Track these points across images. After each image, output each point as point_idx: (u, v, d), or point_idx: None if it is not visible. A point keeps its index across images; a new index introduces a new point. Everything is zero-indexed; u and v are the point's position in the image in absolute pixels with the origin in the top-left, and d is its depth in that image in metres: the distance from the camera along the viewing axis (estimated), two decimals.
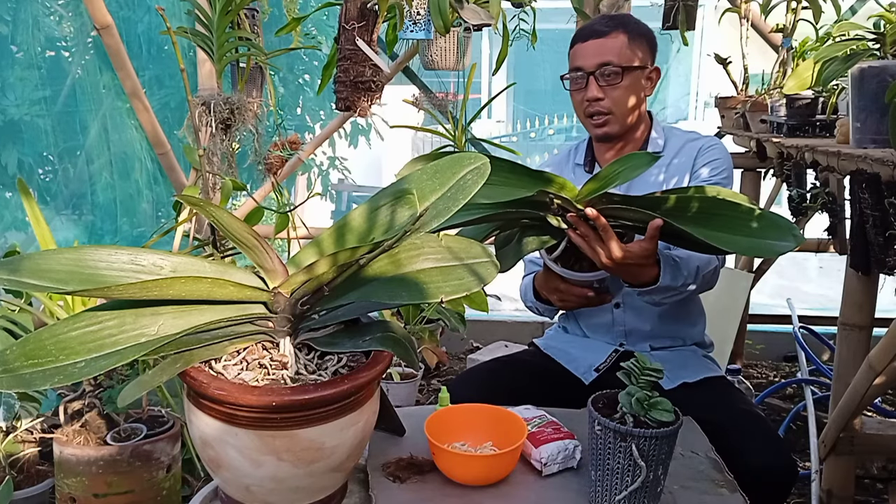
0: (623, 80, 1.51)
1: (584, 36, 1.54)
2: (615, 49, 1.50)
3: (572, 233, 1.26)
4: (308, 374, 0.98)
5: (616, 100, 1.52)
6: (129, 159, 2.84)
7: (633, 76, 1.52)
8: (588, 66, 1.52)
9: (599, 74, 1.51)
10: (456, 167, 1.11)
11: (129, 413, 1.85)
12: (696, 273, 1.41)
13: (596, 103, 1.52)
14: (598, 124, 1.55)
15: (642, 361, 1.04)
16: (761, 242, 1.17)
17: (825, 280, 5.03)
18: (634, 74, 1.52)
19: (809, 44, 2.33)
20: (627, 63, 1.50)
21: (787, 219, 1.19)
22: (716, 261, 1.47)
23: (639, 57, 1.52)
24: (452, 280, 1.03)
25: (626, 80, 1.51)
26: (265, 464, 0.92)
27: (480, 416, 1.23)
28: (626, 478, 1.02)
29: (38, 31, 2.68)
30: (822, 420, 2.01)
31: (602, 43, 1.51)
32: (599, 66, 1.50)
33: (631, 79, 1.51)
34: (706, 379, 1.54)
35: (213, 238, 2.00)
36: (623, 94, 1.52)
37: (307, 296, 1.00)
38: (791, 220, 1.22)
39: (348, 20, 1.82)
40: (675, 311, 1.60)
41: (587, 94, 1.52)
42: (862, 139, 1.53)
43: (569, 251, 1.33)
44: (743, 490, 1.12)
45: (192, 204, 0.97)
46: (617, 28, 1.51)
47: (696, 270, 1.41)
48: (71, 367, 0.86)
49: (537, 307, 1.61)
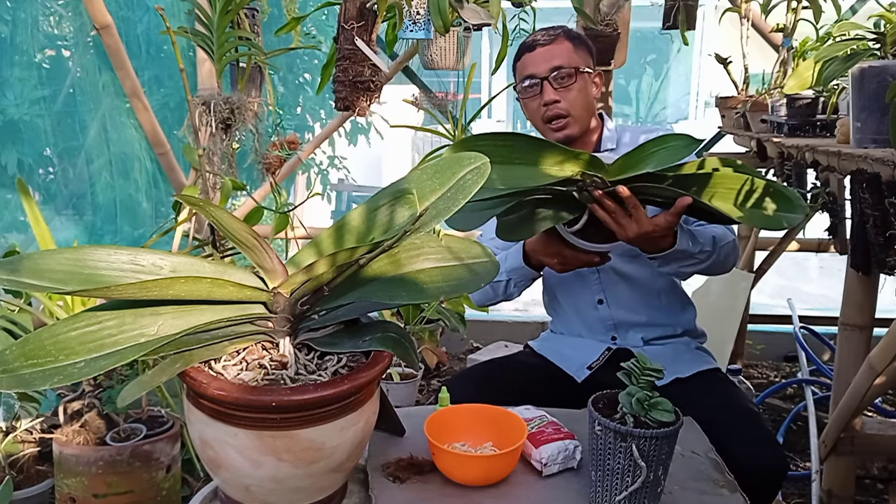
0: (577, 82, 1.56)
1: (529, 47, 1.60)
2: (563, 54, 1.56)
3: (597, 208, 1.28)
4: (308, 375, 0.98)
5: (572, 101, 1.56)
6: (128, 159, 2.84)
7: (583, 78, 1.57)
8: (540, 72, 1.56)
9: (553, 78, 1.55)
10: (456, 167, 1.11)
11: (129, 413, 1.85)
12: (713, 242, 1.44)
13: (554, 106, 1.56)
14: (557, 128, 1.58)
15: (642, 361, 1.04)
16: (773, 215, 1.22)
17: (825, 280, 5.03)
18: (584, 77, 1.57)
19: (810, 44, 2.33)
20: (574, 65, 1.56)
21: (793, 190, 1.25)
22: (731, 234, 1.50)
23: (584, 61, 1.58)
24: (452, 280, 1.03)
25: (579, 81, 1.56)
26: (265, 464, 0.92)
27: (480, 416, 1.23)
28: (626, 478, 1.01)
29: (38, 31, 2.68)
30: (823, 420, 2.01)
31: (550, 49, 1.56)
32: (552, 70, 1.55)
33: (582, 81, 1.57)
34: (699, 373, 1.54)
35: (213, 238, 2.00)
36: (578, 96, 1.56)
37: (307, 296, 0.99)
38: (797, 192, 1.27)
39: (347, 20, 1.82)
40: (659, 299, 1.62)
41: (543, 98, 1.56)
42: (862, 139, 1.53)
43: (588, 224, 1.35)
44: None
45: (191, 204, 0.97)
46: (559, 36, 1.58)
47: (712, 240, 1.44)
48: (70, 368, 0.86)
49: (513, 276, 1.57)
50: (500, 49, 2.29)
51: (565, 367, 1.61)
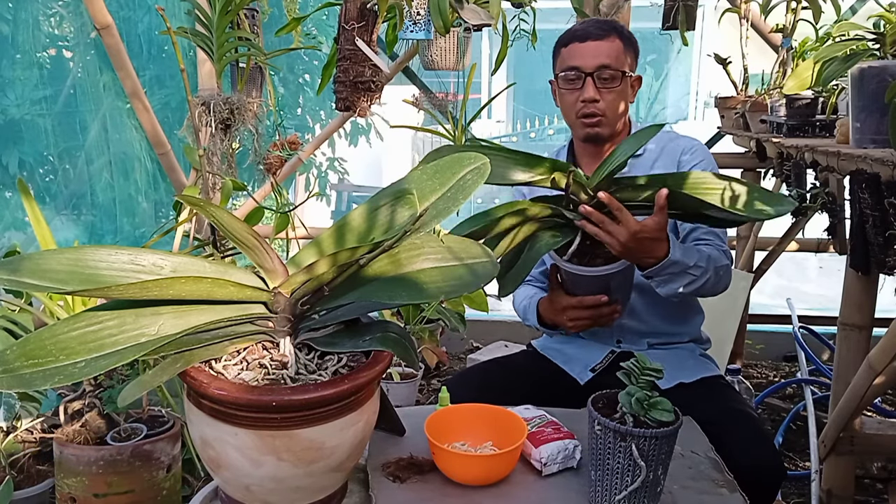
0: (620, 84, 1.52)
1: (580, 37, 1.54)
2: (613, 53, 1.51)
3: (587, 224, 1.30)
4: (308, 374, 0.98)
5: (610, 103, 1.53)
6: (129, 159, 2.84)
7: (626, 81, 1.54)
8: (587, 66, 1.51)
9: (597, 76, 1.51)
10: (456, 167, 1.11)
11: (130, 413, 1.85)
12: (707, 259, 1.44)
13: (592, 104, 1.53)
14: (590, 125, 1.55)
15: (642, 361, 1.04)
16: (762, 207, 1.24)
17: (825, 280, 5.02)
18: (626, 80, 1.54)
19: (809, 44, 2.34)
20: (622, 67, 1.52)
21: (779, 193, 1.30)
22: (726, 258, 1.51)
23: (629, 64, 1.55)
24: (452, 280, 1.03)
25: (622, 84, 1.53)
26: (265, 464, 0.92)
27: (480, 416, 1.23)
28: (625, 478, 1.02)
29: (39, 31, 2.68)
30: (822, 420, 2.01)
31: (600, 45, 1.51)
32: (599, 67, 1.51)
33: (624, 84, 1.54)
34: (703, 379, 1.54)
35: (213, 238, 2.00)
36: (616, 98, 1.53)
37: (307, 296, 1.00)
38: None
39: (348, 20, 1.82)
40: (667, 308, 1.60)
41: (584, 94, 1.52)
42: (862, 139, 1.53)
43: (581, 251, 1.36)
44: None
45: (192, 204, 0.97)
46: (612, 32, 1.53)
47: (707, 258, 1.44)
48: (71, 367, 0.86)
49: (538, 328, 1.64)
50: (500, 49, 2.29)
51: (568, 368, 1.61)
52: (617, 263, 1.35)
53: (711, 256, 1.46)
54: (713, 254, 1.48)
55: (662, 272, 1.39)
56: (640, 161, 1.61)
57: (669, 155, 1.60)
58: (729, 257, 1.53)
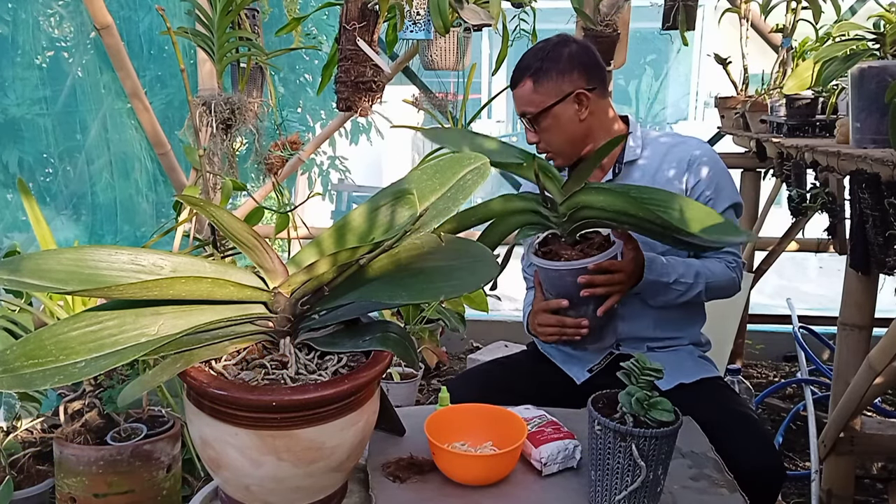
0: (547, 120, 1.53)
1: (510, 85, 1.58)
2: (524, 98, 1.53)
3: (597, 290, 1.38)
4: (308, 374, 0.98)
5: (548, 140, 1.55)
6: (129, 159, 2.84)
7: (550, 116, 1.52)
8: (518, 111, 1.58)
9: (526, 121, 1.56)
10: (456, 167, 1.11)
11: (130, 413, 1.85)
12: (696, 275, 1.48)
13: (535, 146, 1.58)
14: (548, 160, 1.58)
15: (642, 361, 1.04)
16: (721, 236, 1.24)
17: (825, 280, 5.03)
18: (552, 112, 1.52)
19: (809, 44, 2.34)
20: (538, 108, 1.52)
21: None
22: (731, 271, 1.53)
23: (551, 94, 1.51)
24: (452, 280, 1.03)
25: (545, 122, 1.53)
26: (265, 464, 0.92)
27: (480, 416, 1.23)
28: (625, 478, 1.02)
29: (39, 31, 2.68)
30: (822, 420, 2.01)
31: (517, 93, 1.55)
32: (522, 115, 1.56)
33: (549, 119, 1.52)
34: (702, 380, 1.54)
35: (214, 238, 2.00)
36: (550, 135, 1.54)
37: (307, 296, 1.00)
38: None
39: (349, 20, 1.82)
40: (669, 313, 1.58)
41: (527, 139, 1.59)
42: (862, 139, 1.53)
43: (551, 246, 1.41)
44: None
45: (192, 204, 0.97)
46: (524, 74, 1.53)
47: (696, 273, 1.48)
48: (71, 367, 0.86)
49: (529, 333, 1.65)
50: (500, 49, 2.29)
51: (566, 368, 1.61)
52: (578, 262, 1.36)
53: (701, 272, 1.49)
54: (709, 269, 1.50)
55: (644, 289, 1.46)
56: (639, 166, 1.58)
57: (675, 163, 1.57)
58: (737, 269, 1.54)
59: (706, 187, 1.54)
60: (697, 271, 1.49)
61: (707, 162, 1.56)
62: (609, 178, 1.60)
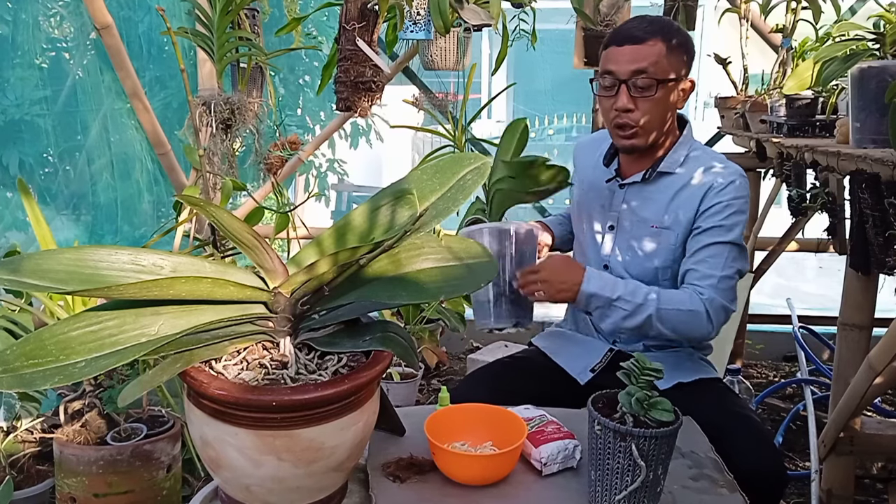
0: (657, 93, 1.41)
1: (619, 39, 1.44)
2: (652, 58, 1.40)
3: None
4: (308, 374, 0.98)
5: (646, 112, 1.43)
6: (129, 159, 2.84)
7: (666, 89, 1.42)
8: (622, 72, 1.42)
9: (632, 84, 1.42)
10: (456, 167, 1.11)
11: (130, 413, 1.85)
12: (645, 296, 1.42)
13: (626, 115, 1.44)
14: (624, 136, 1.47)
15: (642, 361, 1.04)
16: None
17: (825, 280, 5.02)
18: (668, 87, 1.42)
19: (809, 44, 2.34)
20: (663, 75, 1.41)
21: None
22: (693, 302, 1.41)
23: (675, 69, 1.43)
24: (452, 280, 1.04)
25: (660, 92, 1.42)
26: (265, 464, 0.92)
27: (480, 416, 1.23)
28: (625, 478, 1.02)
29: (39, 31, 2.68)
30: (822, 420, 2.01)
31: (638, 49, 1.40)
32: (634, 73, 1.41)
33: (664, 91, 1.42)
34: (701, 380, 1.54)
35: (214, 238, 2.00)
36: (654, 108, 1.43)
37: (307, 296, 1.00)
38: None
39: (348, 20, 1.82)
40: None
41: (617, 102, 1.44)
42: (862, 139, 1.53)
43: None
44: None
45: (192, 204, 0.97)
46: (656, 35, 1.41)
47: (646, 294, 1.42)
48: (71, 367, 0.86)
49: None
50: (500, 49, 2.29)
51: (569, 369, 1.61)
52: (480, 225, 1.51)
53: (655, 297, 1.40)
54: (667, 295, 1.42)
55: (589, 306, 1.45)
56: (670, 178, 1.52)
57: (699, 183, 1.48)
58: (709, 302, 1.41)
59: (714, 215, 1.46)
60: (650, 294, 1.41)
61: (731, 189, 1.46)
62: (637, 180, 1.54)
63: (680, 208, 1.49)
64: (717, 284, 1.43)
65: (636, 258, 1.54)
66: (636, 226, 1.53)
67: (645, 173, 1.52)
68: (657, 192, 1.52)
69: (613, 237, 1.57)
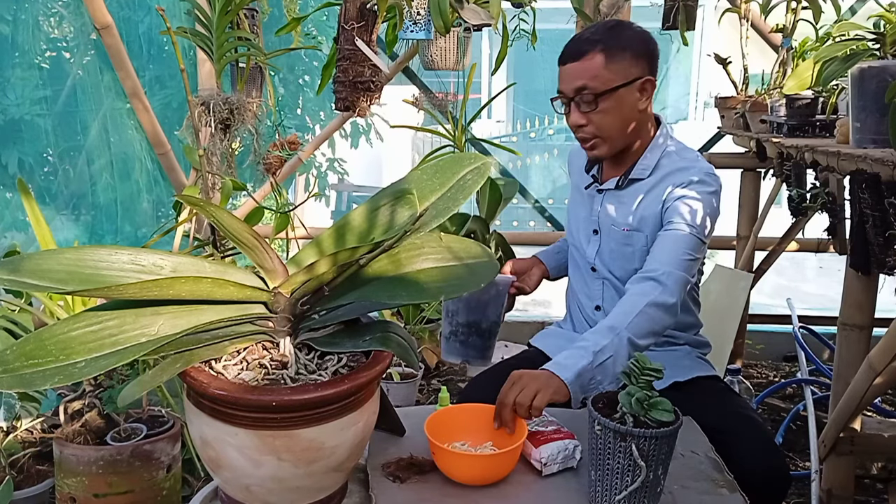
0: (603, 104, 1.42)
1: (563, 58, 1.47)
2: (591, 72, 1.41)
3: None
4: (308, 374, 0.98)
5: (600, 124, 1.44)
6: (129, 159, 2.85)
7: (614, 97, 1.42)
8: (567, 91, 1.45)
9: (579, 100, 1.44)
10: (456, 167, 1.11)
11: (130, 413, 1.85)
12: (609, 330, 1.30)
13: (581, 129, 1.47)
14: (587, 148, 1.50)
15: (642, 361, 1.04)
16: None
17: (825, 280, 5.03)
18: (617, 95, 1.42)
19: (809, 44, 2.33)
20: (605, 86, 1.41)
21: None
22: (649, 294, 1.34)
23: (621, 75, 1.42)
24: (452, 280, 1.04)
25: (607, 103, 1.42)
26: (265, 464, 0.92)
27: (481, 416, 1.23)
28: (625, 478, 1.02)
29: (39, 31, 2.68)
30: (822, 420, 2.01)
31: (578, 66, 1.42)
32: (577, 91, 1.43)
33: (613, 101, 1.42)
34: (698, 378, 1.53)
35: (213, 238, 2.00)
36: (605, 118, 1.44)
37: (307, 296, 1.00)
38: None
39: (348, 20, 1.82)
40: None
41: (570, 120, 1.48)
42: (862, 139, 1.53)
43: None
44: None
45: (192, 204, 0.97)
46: (594, 46, 1.41)
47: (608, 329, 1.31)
48: (71, 367, 0.86)
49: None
50: (500, 49, 2.29)
51: None
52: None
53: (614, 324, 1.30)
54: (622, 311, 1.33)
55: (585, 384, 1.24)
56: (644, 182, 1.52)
57: (665, 185, 1.48)
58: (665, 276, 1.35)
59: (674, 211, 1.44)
60: (610, 325, 1.31)
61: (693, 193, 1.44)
62: (611, 187, 1.55)
63: (646, 210, 1.50)
64: (671, 263, 1.39)
65: (617, 261, 1.56)
66: (612, 230, 1.56)
67: (619, 180, 1.55)
68: (627, 197, 1.54)
69: (598, 241, 1.60)
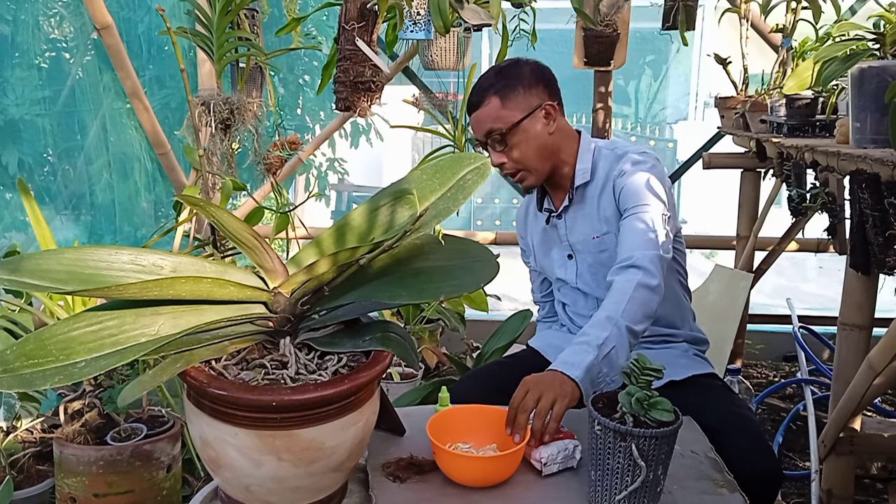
0: (511, 141, 1.49)
1: (468, 109, 1.55)
2: (491, 116, 1.49)
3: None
4: (308, 374, 0.98)
5: (517, 158, 1.51)
6: (129, 159, 2.85)
7: (519, 131, 1.49)
8: (479, 137, 1.53)
9: (492, 142, 1.51)
10: (456, 167, 1.11)
11: (130, 413, 1.85)
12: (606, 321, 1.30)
13: (502, 168, 1.53)
14: (517, 181, 1.56)
15: (642, 361, 1.04)
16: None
17: (825, 280, 5.03)
18: (521, 128, 1.49)
19: (809, 44, 2.33)
20: (507, 124, 1.48)
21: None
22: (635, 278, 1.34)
23: (520, 108, 1.49)
24: (452, 280, 1.04)
25: (515, 137, 1.49)
26: (265, 464, 0.92)
27: (484, 417, 1.23)
28: (625, 478, 1.02)
29: (39, 31, 2.68)
30: (822, 420, 2.01)
31: (481, 114, 1.51)
32: (487, 135, 1.51)
33: (519, 134, 1.49)
34: (694, 377, 1.53)
35: (213, 238, 2.00)
36: (520, 151, 1.50)
37: (307, 296, 1.00)
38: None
39: (348, 20, 1.82)
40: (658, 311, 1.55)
41: (492, 162, 1.52)
42: (862, 139, 1.53)
43: None
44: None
45: (192, 204, 0.97)
46: (487, 92, 1.50)
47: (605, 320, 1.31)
48: (71, 367, 0.86)
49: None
50: (500, 49, 2.29)
51: None
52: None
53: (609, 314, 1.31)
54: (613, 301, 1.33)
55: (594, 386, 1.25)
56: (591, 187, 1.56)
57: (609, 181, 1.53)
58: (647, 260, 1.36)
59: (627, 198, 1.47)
60: (606, 316, 1.31)
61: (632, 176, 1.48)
62: (566, 204, 1.58)
63: (606, 209, 1.54)
64: (642, 246, 1.40)
65: (598, 272, 1.57)
66: (585, 244, 1.58)
67: (569, 195, 1.58)
68: (585, 206, 1.57)
69: (575, 264, 1.62)
